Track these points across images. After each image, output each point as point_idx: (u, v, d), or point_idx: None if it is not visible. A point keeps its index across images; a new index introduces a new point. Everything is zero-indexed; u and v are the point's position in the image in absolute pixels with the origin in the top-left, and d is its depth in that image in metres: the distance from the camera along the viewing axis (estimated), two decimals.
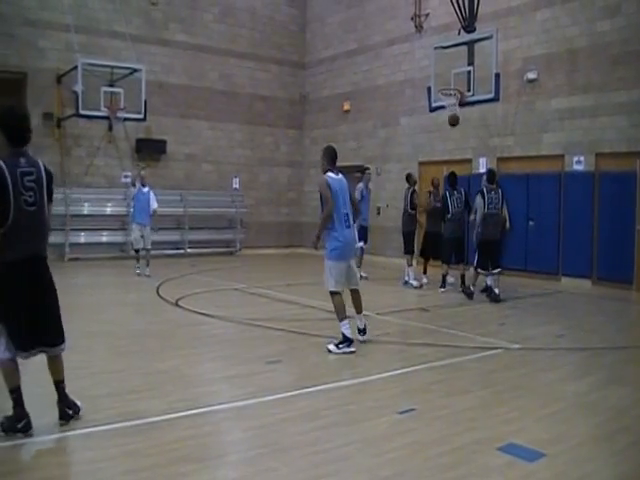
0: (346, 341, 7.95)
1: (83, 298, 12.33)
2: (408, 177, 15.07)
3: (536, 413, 5.91)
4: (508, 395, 6.49)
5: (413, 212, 14.70)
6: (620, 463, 4.86)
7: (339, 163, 8.40)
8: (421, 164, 19.07)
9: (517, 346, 8.51)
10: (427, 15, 18.84)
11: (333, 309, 8.19)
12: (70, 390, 6.26)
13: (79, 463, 4.62)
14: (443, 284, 13.45)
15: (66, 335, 5.40)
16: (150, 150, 20.38)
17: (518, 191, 15.92)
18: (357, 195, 14.31)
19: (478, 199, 12.32)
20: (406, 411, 5.81)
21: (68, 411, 5.35)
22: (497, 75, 13.57)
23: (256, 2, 22.89)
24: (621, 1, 14.13)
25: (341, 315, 8.06)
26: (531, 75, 15.81)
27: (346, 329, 7.97)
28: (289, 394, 6.28)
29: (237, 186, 22.23)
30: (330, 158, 8.32)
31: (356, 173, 17.53)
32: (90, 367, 7.20)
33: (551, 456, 4.85)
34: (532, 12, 15.94)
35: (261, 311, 10.64)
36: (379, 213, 19.96)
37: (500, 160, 16.77)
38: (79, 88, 16.39)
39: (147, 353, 7.99)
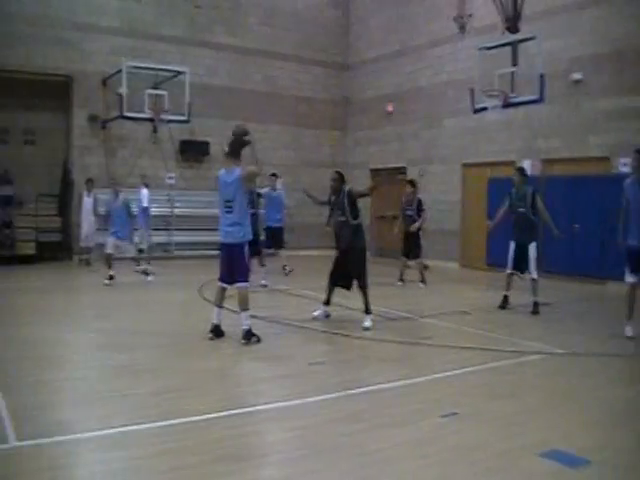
0: None
1: (127, 297, 12.51)
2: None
3: (581, 419, 5.82)
4: (552, 400, 6.41)
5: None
6: None
7: (384, 165, 8.37)
8: (465, 166, 18.95)
9: (562, 351, 8.39)
10: (470, 16, 18.68)
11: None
12: (112, 388, 6.37)
13: (121, 460, 4.66)
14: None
15: (110, 333, 5.47)
16: (194, 151, 20.58)
17: (564, 193, 15.71)
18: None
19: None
20: (449, 414, 5.77)
21: None
22: (542, 76, 13.40)
23: (299, 4, 22.96)
24: None
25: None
26: (577, 76, 15.58)
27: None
28: (332, 395, 6.28)
29: (280, 187, 22.25)
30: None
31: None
32: (133, 365, 7.31)
33: (596, 463, 4.77)
34: (578, 11, 15.71)
35: (304, 312, 10.63)
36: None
37: (545, 162, 16.57)
38: (124, 90, 16.64)
39: (189, 352, 8.05)
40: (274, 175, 15.95)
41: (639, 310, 9.39)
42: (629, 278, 9.21)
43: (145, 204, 16.21)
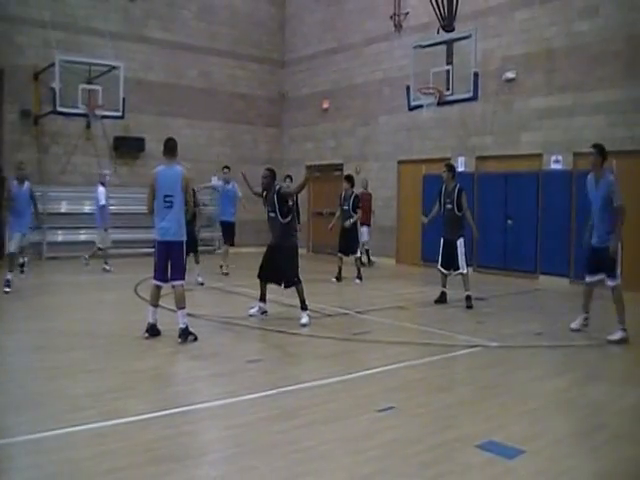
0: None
1: (62, 297, 12.27)
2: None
3: (515, 410, 5.94)
4: (487, 393, 6.52)
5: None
6: (599, 459, 4.90)
7: (320, 161, 8.39)
8: (400, 163, 19.11)
9: (496, 344, 8.55)
10: (406, 14, 18.85)
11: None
12: (49, 390, 6.24)
13: (56, 464, 4.56)
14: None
15: (45, 334, 5.36)
16: (128, 148, 20.25)
17: (496, 190, 16.02)
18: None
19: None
20: (386, 409, 5.81)
21: None
22: (476, 74, 13.60)
23: (235, 0, 22.83)
24: (599, 2, 14.21)
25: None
26: (510, 74, 15.87)
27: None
28: (269, 393, 6.26)
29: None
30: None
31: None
32: (69, 366, 7.16)
33: (530, 453, 4.88)
34: (511, 12, 16.00)
35: (240, 309, 10.59)
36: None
37: (478, 159, 16.83)
38: (57, 85, 16.26)
39: (126, 352, 7.92)
40: (227, 168, 15.76)
41: (568, 305, 9.63)
42: (587, 278, 9.38)
43: (103, 202, 15.68)
